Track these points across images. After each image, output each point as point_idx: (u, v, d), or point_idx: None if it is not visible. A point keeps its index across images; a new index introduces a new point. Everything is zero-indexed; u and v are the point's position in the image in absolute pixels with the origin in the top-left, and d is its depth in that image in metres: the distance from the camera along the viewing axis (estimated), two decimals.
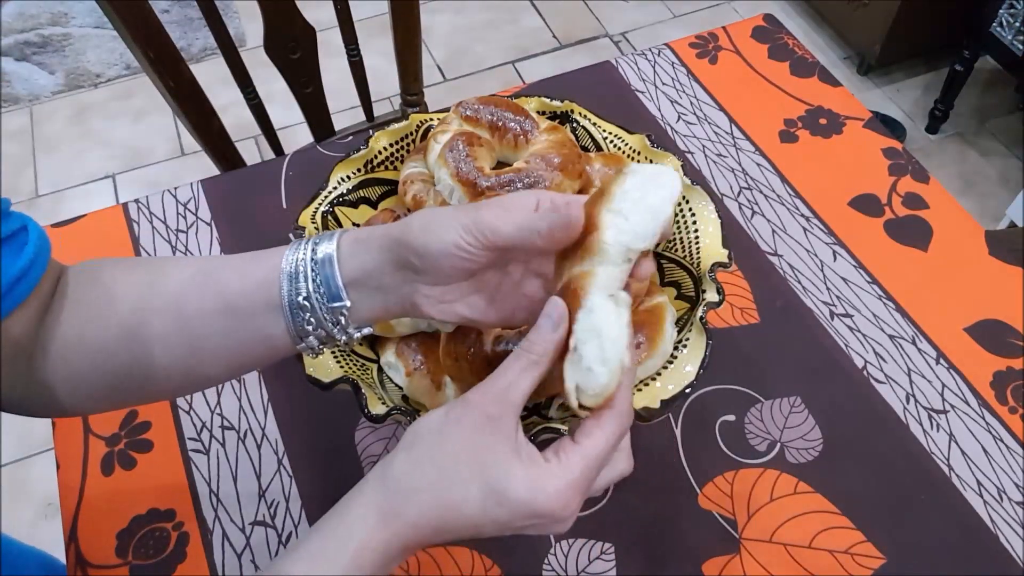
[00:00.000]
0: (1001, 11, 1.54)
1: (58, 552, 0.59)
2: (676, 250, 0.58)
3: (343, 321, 0.40)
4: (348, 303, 0.39)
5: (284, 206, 0.74)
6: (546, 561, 0.55)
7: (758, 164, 0.77)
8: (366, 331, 0.41)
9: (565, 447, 0.35)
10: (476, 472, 0.34)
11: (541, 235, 0.37)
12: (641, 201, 0.37)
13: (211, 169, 1.00)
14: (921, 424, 0.61)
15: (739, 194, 0.75)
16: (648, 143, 0.61)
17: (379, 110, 1.15)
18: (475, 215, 0.37)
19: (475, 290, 0.40)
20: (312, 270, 0.39)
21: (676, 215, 0.59)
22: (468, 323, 0.41)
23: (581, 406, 0.35)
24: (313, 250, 0.40)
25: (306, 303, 0.39)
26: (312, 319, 0.40)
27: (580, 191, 0.58)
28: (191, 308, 0.41)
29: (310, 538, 0.35)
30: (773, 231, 0.72)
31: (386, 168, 0.63)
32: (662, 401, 0.48)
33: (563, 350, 0.36)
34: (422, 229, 0.38)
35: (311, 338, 0.40)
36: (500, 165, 0.61)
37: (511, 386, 0.35)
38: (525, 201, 0.38)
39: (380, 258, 0.39)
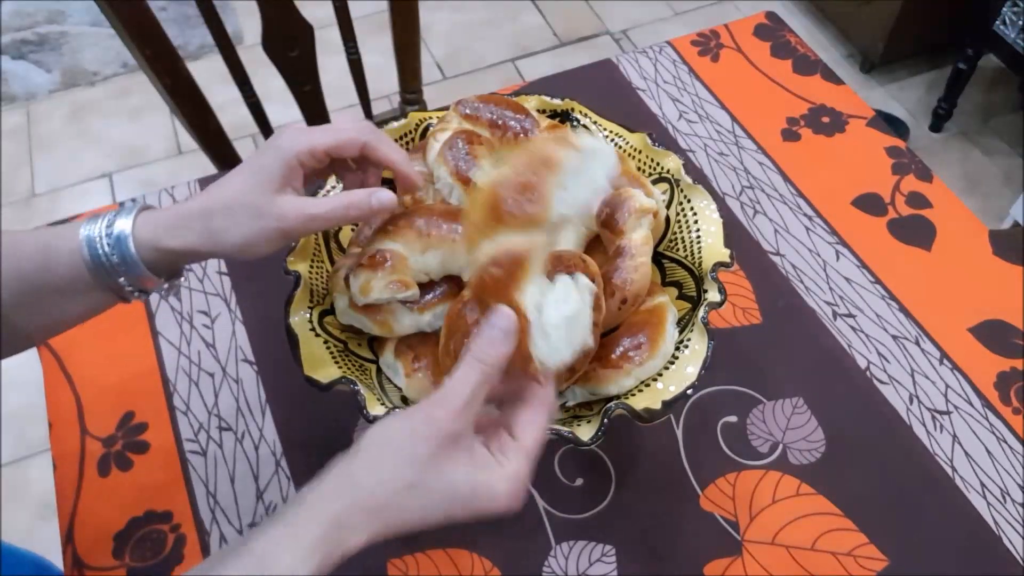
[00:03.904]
0: (1004, 9, 1.53)
1: (55, 554, 0.58)
2: (678, 250, 0.58)
3: (158, 284, 0.45)
4: (162, 279, 0.45)
5: None
6: (546, 564, 0.54)
7: (760, 163, 0.77)
8: (180, 281, 0.47)
9: (509, 446, 0.38)
10: (445, 488, 0.37)
11: (347, 218, 0.45)
12: (585, 175, 0.40)
13: (208, 168, 1.00)
14: (924, 425, 0.60)
15: (741, 193, 0.74)
16: (649, 142, 0.60)
17: (378, 108, 1.15)
18: (281, 227, 0.43)
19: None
20: (113, 253, 0.42)
21: (677, 214, 0.58)
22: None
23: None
24: (108, 232, 0.43)
25: (122, 282, 0.43)
26: (130, 288, 0.44)
27: None
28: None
29: (257, 540, 0.35)
30: (775, 230, 0.72)
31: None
32: (663, 402, 0.48)
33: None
34: (234, 248, 0.43)
35: (133, 297, 0.45)
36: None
37: (470, 403, 0.38)
38: (293, 169, 0.44)
39: (183, 250, 0.43)
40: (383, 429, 0.38)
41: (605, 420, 0.46)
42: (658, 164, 0.60)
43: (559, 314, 0.38)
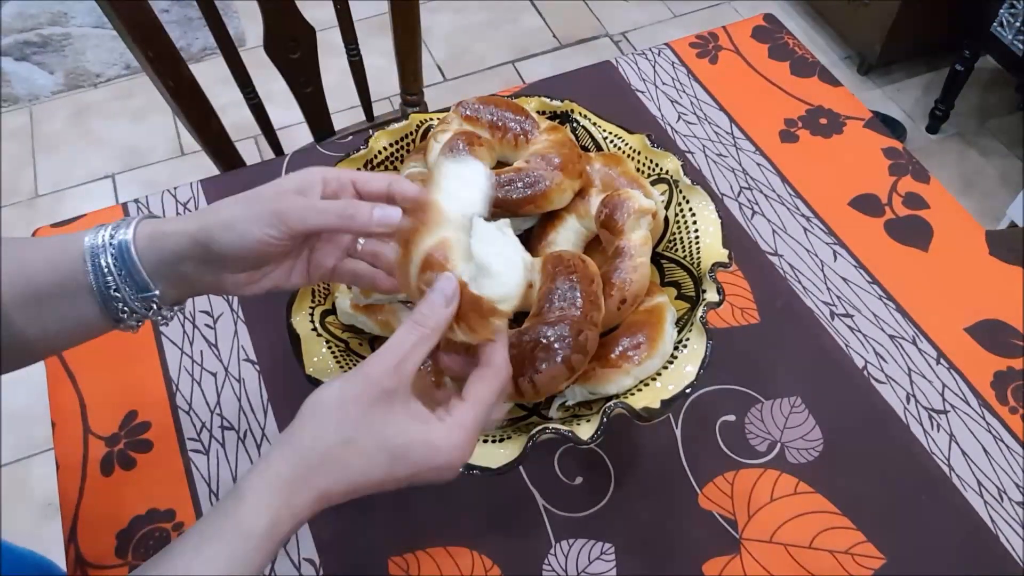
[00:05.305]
0: (1001, 11, 1.54)
1: (58, 552, 0.59)
2: (676, 250, 0.58)
3: (155, 307, 0.43)
4: (157, 292, 0.42)
5: None
6: (546, 561, 0.55)
7: (758, 164, 0.77)
8: (176, 309, 0.45)
9: (456, 405, 0.38)
10: (380, 442, 0.37)
11: (356, 220, 0.41)
12: (459, 181, 0.42)
13: (211, 169, 1.00)
14: (921, 424, 0.61)
15: (739, 194, 0.75)
16: (648, 143, 0.61)
17: (379, 110, 1.15)
18: (275, 208, 0.40)
19: (277, 266, 0.44)
20: (114, 261, 0.41)
21: (676, 215, 0.59)
22: (273, 290, 0.46)
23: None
24: (111, 237, 0.42)
25: (117, 295, 0.42)
26: (126, 308, 0.43)
27: (580, 191, 0.58)
28: (3, 297, 0.41)
29: (210, 520, 0.35)
30: (773, 231, 0.72)
31: (386, 168, 0.63)
32: (662, 401, 0.48)
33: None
34: (224, 228, 0.40)
35: (129, 320, 0.43)
36: (500, 165, 0.61)
37: (405, 360, 0.38)
38: (313, 182, 0.42)
39: (181, 255, 0.42)
40: (319, 393, 0.38)
41: (604, 419, 0.47)
42: (657, 165, 0.61)
43: (488, 250, 0.40)
